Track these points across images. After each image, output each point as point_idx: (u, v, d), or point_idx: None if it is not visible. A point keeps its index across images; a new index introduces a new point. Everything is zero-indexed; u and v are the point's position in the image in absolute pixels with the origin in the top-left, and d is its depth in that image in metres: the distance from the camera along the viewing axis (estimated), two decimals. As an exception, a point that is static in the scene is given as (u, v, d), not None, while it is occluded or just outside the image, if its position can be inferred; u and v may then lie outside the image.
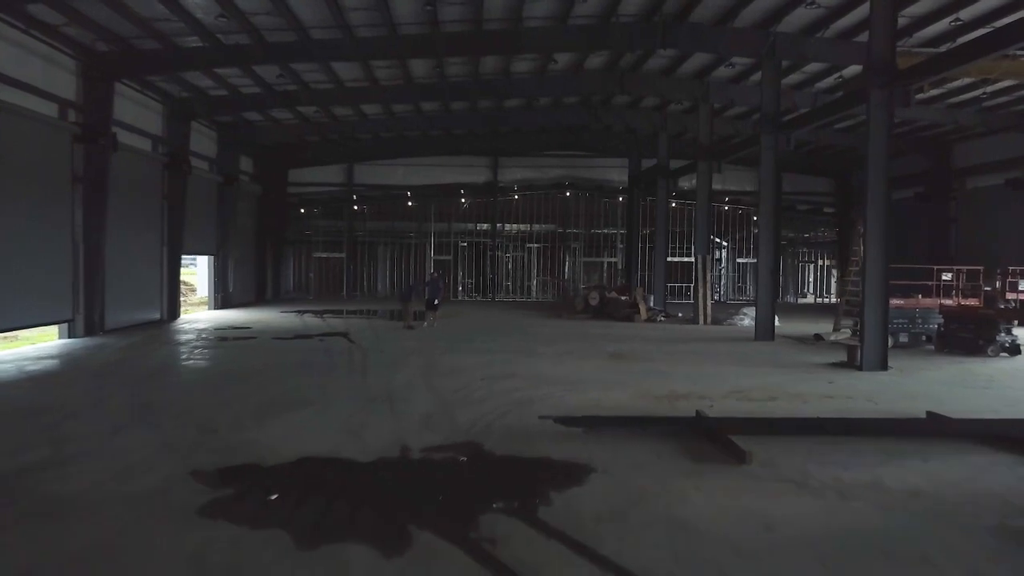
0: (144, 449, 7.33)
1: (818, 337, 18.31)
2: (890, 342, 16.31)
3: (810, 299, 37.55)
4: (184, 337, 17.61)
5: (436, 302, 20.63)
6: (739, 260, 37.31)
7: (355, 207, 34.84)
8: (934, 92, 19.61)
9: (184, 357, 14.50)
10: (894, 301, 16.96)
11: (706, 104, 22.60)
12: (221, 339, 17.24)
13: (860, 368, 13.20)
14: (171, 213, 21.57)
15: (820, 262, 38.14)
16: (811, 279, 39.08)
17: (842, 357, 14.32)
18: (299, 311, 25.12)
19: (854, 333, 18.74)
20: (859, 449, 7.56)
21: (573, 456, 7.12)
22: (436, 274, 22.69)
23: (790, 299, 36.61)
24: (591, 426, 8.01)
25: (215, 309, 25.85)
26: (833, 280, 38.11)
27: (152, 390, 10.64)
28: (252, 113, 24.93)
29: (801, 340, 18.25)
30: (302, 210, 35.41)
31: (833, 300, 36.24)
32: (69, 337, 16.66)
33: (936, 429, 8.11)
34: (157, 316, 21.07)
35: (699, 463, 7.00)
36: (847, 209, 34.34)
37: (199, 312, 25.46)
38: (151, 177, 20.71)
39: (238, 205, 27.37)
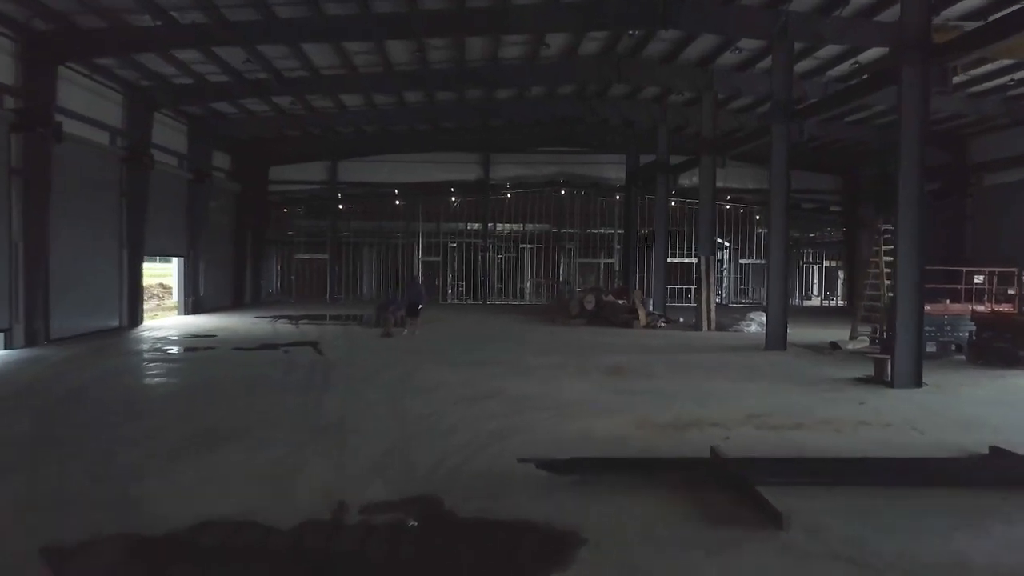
0: (3, 510, 5.68)
1: (835, 346, 16.71)
2: (916, 352, 14.91)
3: (815, 302, 35.97)
4: (136, 347, 15.96)
5: (420, 307, 19.01)
6: (742, 261, 35.70)
7: (340, 206, 33.22)
8: (961, 78, 17.98)
9: (123, 373, 12.84)
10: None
11: (710, 93, 20.97)
12: (175, 350, 15.59)
13: (891, 384, 11.59)
14: (132, 211, 19.87)
15: (826, 263, 36.56)
16: (815, 281, 37.57)
17: (868, 371, 12.70)
18: (274, 316, 23.48)
19: (873, 341, 17.22)
20: (922, 503, 5.95)
21: (558, 517, 5.49)
22: (419, 277, 21.06)
23: (794, 302, 34.97)
24: (581, 472, 6.38)
25: (185, 314, 24.15)
26: (839, 282, 36.63)
27: (64, 417, 8.99)
28: (224, 105, 23.26)
29: (816, 349, 16.67)
30: (285, 209, 33.85)
31: (840, 303, 34.75)
32: (7, 348, 14.95)
33: (1014, 476, 6.48)
34: (115, 323, 19.37)
35: (721, 529, 5.37)
36: (854, 207, 32.76)
37: (167, 318, 23.78)
38: (108, 172, 19.00)
39: (212, 203, 25.67)
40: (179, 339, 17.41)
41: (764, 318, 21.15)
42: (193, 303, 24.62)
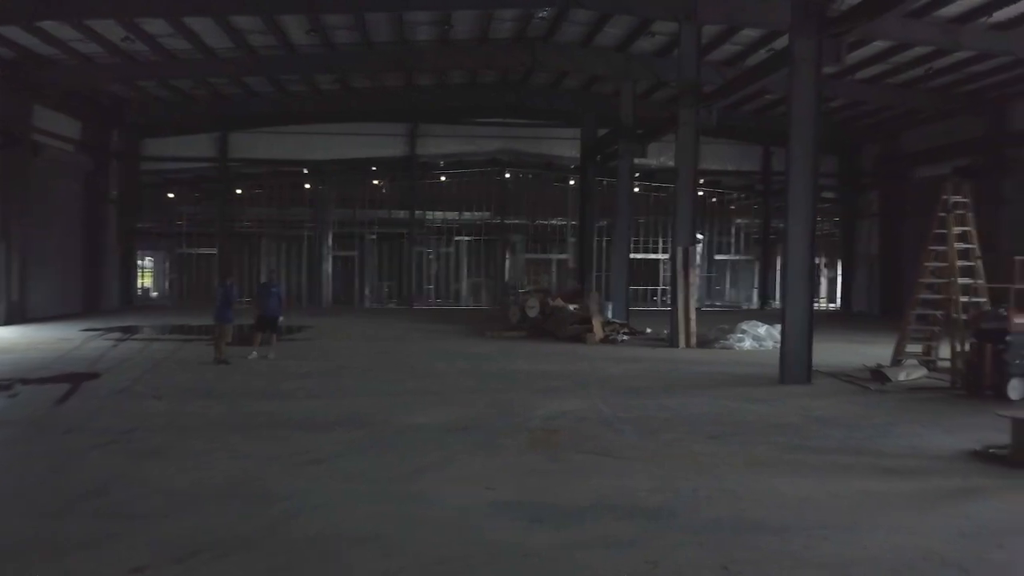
0: None
1: (880, 375, 11.22)
2: (1020, 389, 9.69)
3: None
4: None
5: (279, 320, 13.10)
6: (717, 257, 30.34)
7: (237, 189, 27.02)
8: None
9: None
10: (1020, 319, 10.06)
11: (691, 24, 15.43)
12: None
13: (1060, 476, 6.11)
14: None
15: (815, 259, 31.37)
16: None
17: (992, 435, 7.18)
18: (109, 328, 17.46)
19: (931, 367, 11.92)
20: None
21: None
22: (273, 278, 15.22)
23: (776, 304, 29.70)
24: None
25: (-8, 326, 17.83)
26: (826, 282, 31.60)
27: None
28: (32, 40, 16.93)
29: (851, 379, 11.27)
30: (171, 194, 27.67)
31: (831, 307, 29.72)
32: None
33: None
34: None
35: None
36: (853, 195, 27.57)
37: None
38: None
39: (43, 182, 19.42)
40: None
41: (763, 330, 15.90)
42: (7, 310, 18.29)
